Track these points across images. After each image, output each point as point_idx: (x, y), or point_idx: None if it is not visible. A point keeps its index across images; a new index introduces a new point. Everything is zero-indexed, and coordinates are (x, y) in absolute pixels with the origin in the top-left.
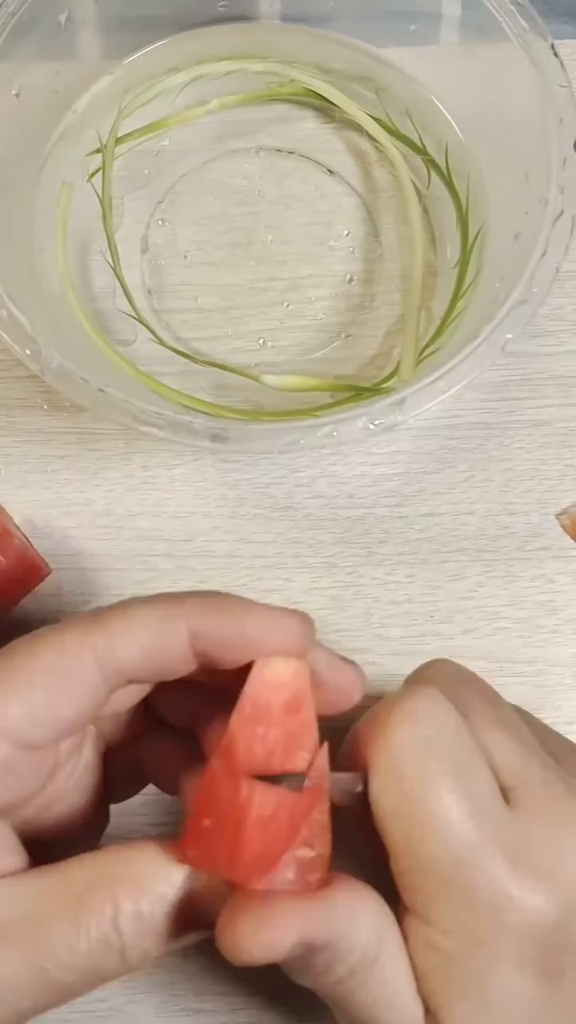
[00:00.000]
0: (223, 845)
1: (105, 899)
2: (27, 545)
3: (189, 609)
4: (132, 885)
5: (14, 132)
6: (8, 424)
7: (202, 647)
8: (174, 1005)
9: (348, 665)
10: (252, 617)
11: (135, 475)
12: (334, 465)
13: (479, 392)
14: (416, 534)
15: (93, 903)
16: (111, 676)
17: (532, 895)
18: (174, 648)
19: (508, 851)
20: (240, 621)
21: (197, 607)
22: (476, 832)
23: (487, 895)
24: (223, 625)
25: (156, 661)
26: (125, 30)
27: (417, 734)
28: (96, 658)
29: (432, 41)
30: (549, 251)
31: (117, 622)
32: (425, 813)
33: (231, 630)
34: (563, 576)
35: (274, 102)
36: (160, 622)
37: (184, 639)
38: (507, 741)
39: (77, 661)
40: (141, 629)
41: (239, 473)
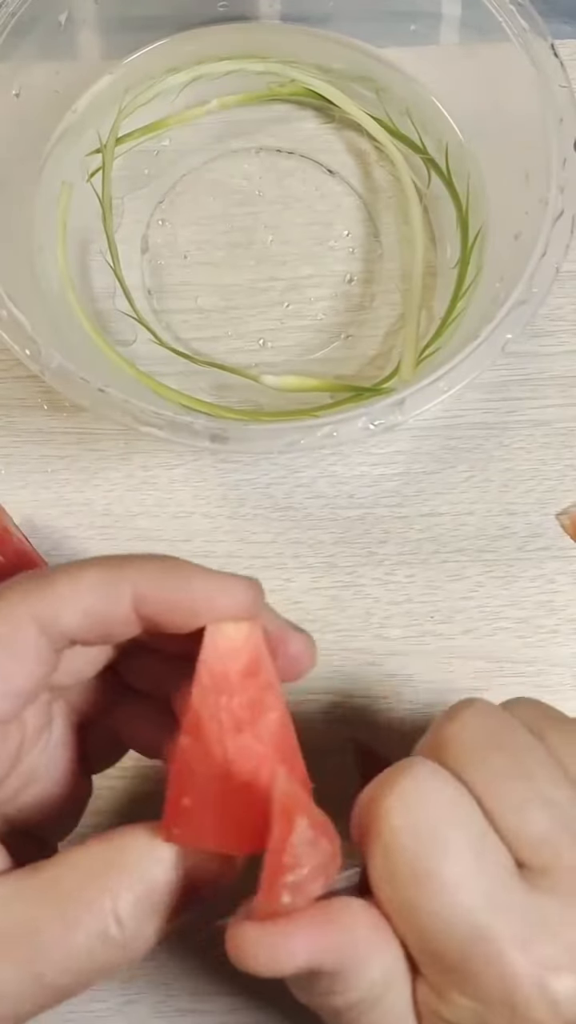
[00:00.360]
0: (207, 819)
1: (101, 894)
2: (27, 545)
3: (133, 571)
4: (126, 874)
5: (14, 132)
6: (8, 424)
7: (147, 610)
8: (172, 1005)
9: (298, 633)
10: (197, 580)
11: (135, 475)
12: (334, 465)
13: (479, 392)
14: (416, 534)
15: (86, 901)
16: (56, 639)
17: (548, 991)
18: (117, 610)
19: (522, 941)
20: (185, 584)
21: (142, 569)
22: (482, 922)
23: (498, 988)
24: (167, 588)
25: (99, 623)
26: (125, 30)
27: (410, 820)
28: (38, 623)
29: (432, 41)
30: (549, 251)
31: (60, 583)
32: (425, 911)
33: (176, 594)
34: (563, 576)
35: (274, 102)
36: (103, 584)
37: (127, 601)
38: (535, 818)
39: (19, 627)
40: (84, 591)
41: (239, 473)
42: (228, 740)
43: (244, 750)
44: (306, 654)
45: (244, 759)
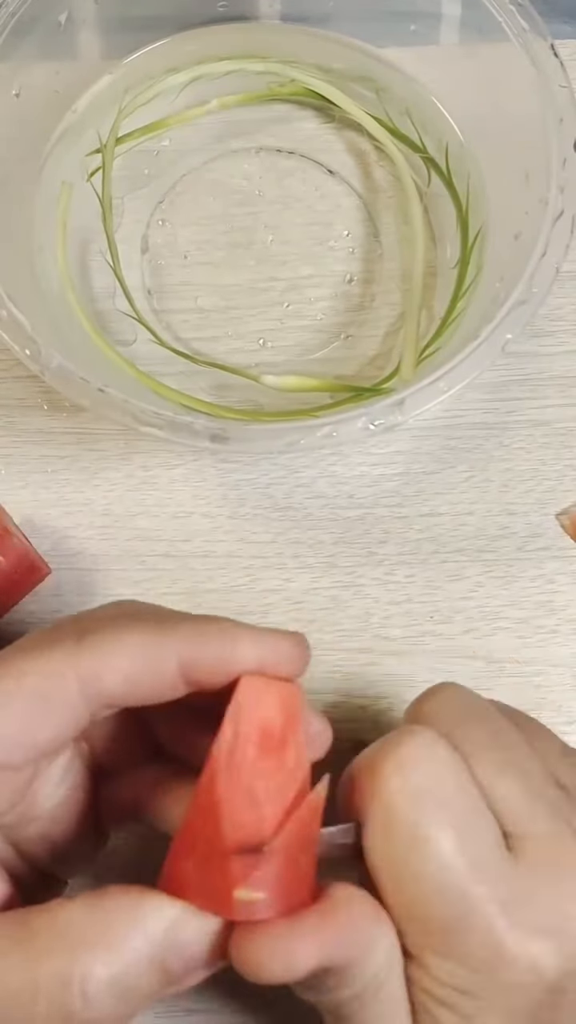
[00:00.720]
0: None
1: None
2: (27, 545)
3: (179, 639)
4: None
5: (14, 132)
6: (8, 424)
7: (192, 675)
8: (175, 1005)
9: (317, 715)
10: (244, 643)
11: (135, 475)
12: (334, 465)
13: (479, 392)
14: (416, 534)
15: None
16: (93, 701)
17: (530, 954)
18: (161, 677)
19: (507, 907)
20: (231, 648)
21: (187, 635)
22: (471, 889)
23: (481, 952)
24: (215, 654)
25: (141, 688)
26: (125, 30)
27: (409, 785)
28: (80, 683)
29: (432, 41)
30: (549, 251)
31: (105, 646)
32: (418, 870)
33: (223, 660)
34: (563, 576)
35: (274, 102)
36: (147, 650)
37: (172, 668)
38: (514, 787)
39: (60, 685)
40: (127, 656)
41: (239, 473)
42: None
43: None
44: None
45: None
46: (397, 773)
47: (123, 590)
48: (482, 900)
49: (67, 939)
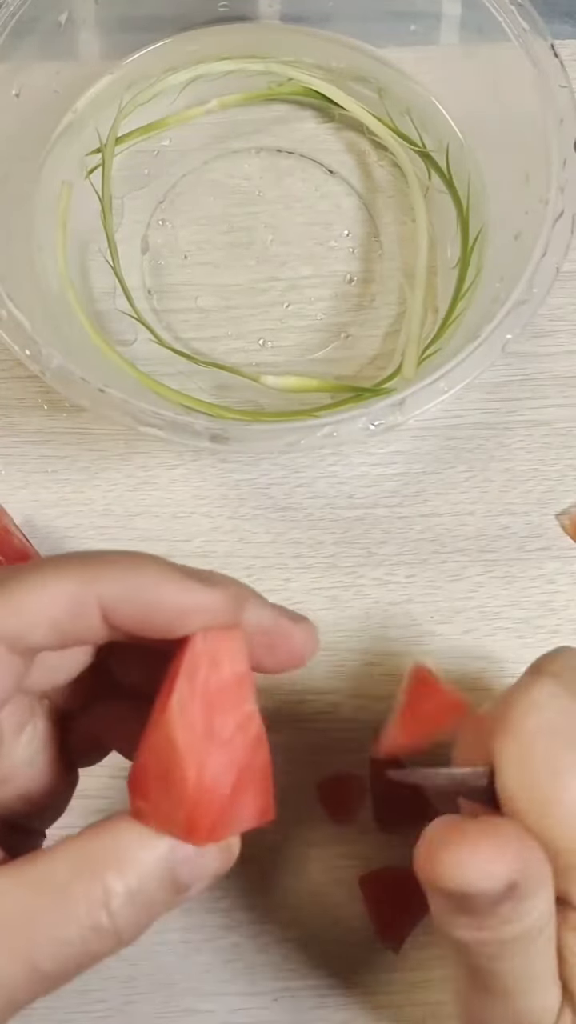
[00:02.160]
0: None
1: (93, 886)
2: (27, 545)
3: (100, 581)
4: (119, 866)
5: (14, 132)
6: (8, 424)
7: (117, 622)
8: (174, 1005)
9: (297, 624)
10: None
11: (135, 475)
12: (334, 466)
13: (479, 392)
14: (416, 534)
15: (80, 891)
16: (24, 653)
17: None
18: (84, 622)
19: None
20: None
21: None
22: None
23: None
24: (136, 601)
25: (67, 634)
26: (125, 30)
27: (544, 723)
28: (4, 640)
29: (432, 41)
30: (549, 251)
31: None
32: (557, 802)
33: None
34: (563, 576)
35: (274, 102)
36: (69, 596)
37: (95, 612)
38: None
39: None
40: (49, 604)
41: (239, 473)
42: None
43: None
44: (308, 644)
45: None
46: (531, 714)
47: None
48: None
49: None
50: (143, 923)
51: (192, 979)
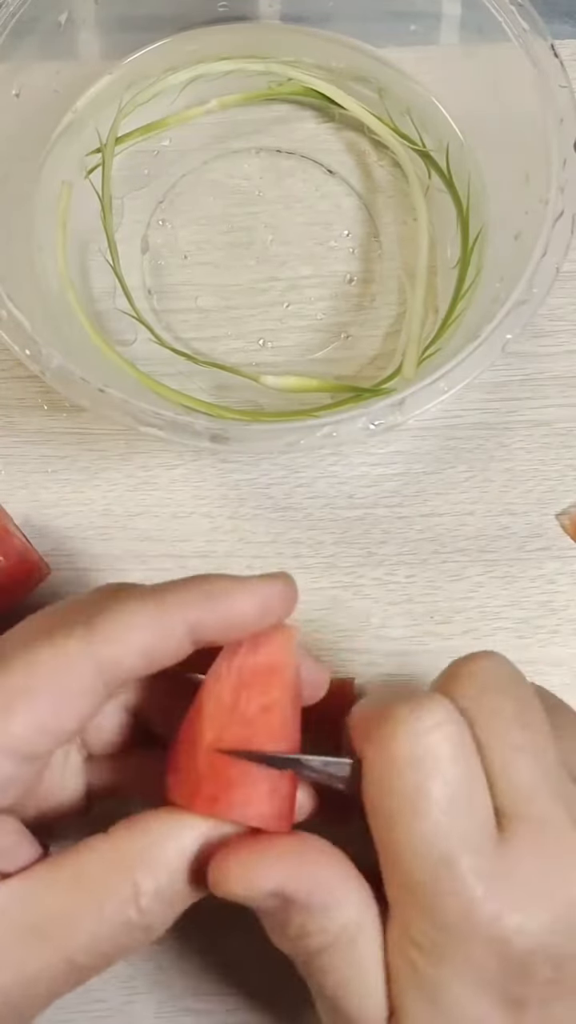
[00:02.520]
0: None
1: (123, 882)
2: (27, 545)
3: (180, 603)
4: (145, 860)
5: (14, 132)
6: (8, 424)
7: (200, 637)
8: (173, 1005)
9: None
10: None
11: (135, 475)
12: (334, 466)
13: (479, 392)
14: (416, 534)
15: (111, 891)
16: (111, 684)
17: (502, 926)
18: (173, 644)
19: (485, 879)
20: (230, 604)
21: (188, 598)
22: (455, 856)
23: (456, 918)
24: (218, 613)
25: (156, 659)
26: (125, 30)
27: (415, 748)
28: (98, 668)
29: (432, 41)
30: (549, 251)
31: (113, 628)
32: (406, 833)
33: (225, 617)
34: (563, 576)
35: (274, 102)
36: (156, 622)
37: (181, 634)
38: (523, 767)
39: (79, 673)
40: (139, 632)
41: (239, 473)
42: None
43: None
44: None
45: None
46: (405, 733)
47: None
48: (462, 871)
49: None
50: (171, 916)
51: (192, 979)
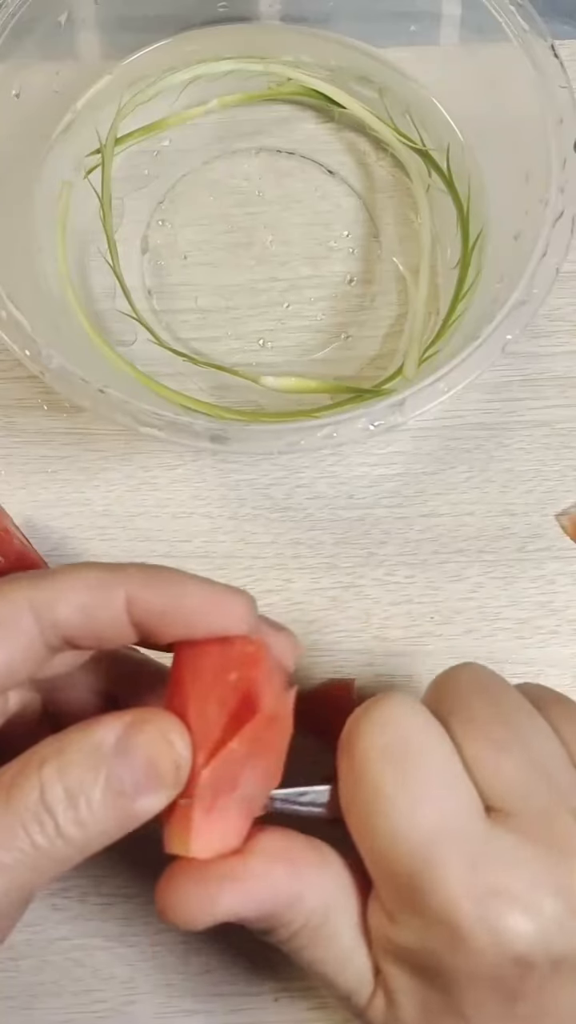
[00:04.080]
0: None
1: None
2: (27, 546)
3: (129, 576)
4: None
5: (14, 132)
6: (8, 425)
7: (140, 615)
8: (173, 1006)
9: (280, 632)
10: (191, 588)
11: (135, 476)
12: (334, 466)
13: (479, 393)
14: (416, 535)
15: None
16: (48, 630)
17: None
18: (111, 610)
19: (471, 870)
20: (179, 591)
21: (137, 575)
22: (432, 847)
23: (440, 912)
24: (160, 594)
25: (92, 621)
26: (125, 30)
27: (378, 744)
28: (34, 610)
29: (432, 41)
30: (549, 252)
31: (59, 578)
32: (381, 825)
33: (169, 600)
34: (563, 577)
35: (274, 102)
36: (99, 582)
37: (121, 603)
38: (508, 764)
39: (16, 611)
40: (81, 587)
41: (239, 474)
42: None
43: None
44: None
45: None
46: (368, 732)
47: None
48: (443, 859)
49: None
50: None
51: (192, 979)
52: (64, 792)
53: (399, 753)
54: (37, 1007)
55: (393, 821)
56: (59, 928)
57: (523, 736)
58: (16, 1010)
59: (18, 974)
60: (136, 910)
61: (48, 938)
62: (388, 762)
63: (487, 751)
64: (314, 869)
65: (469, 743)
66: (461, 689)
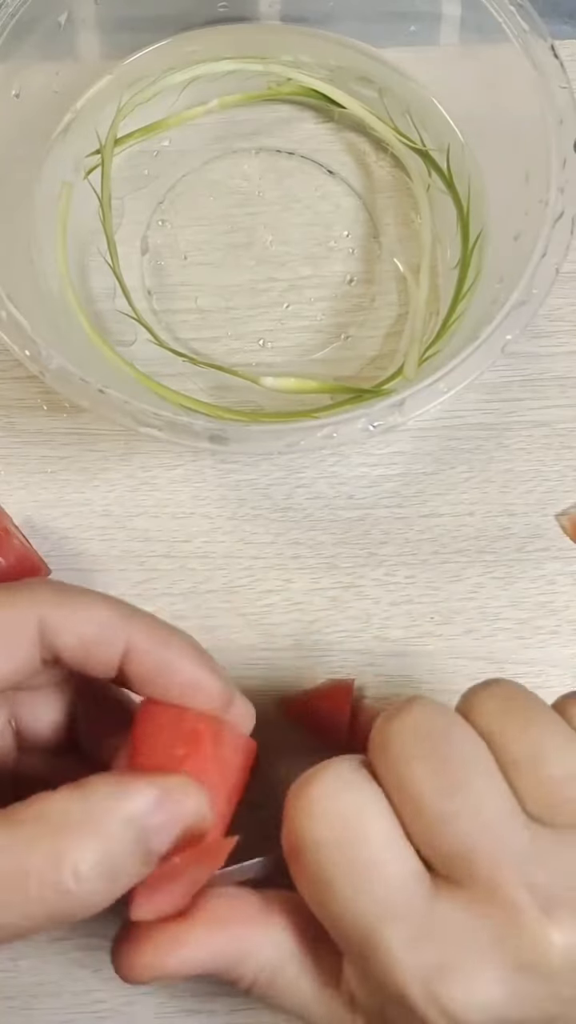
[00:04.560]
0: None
1: (61, 849)
2: (27, 546)
3: (135, 627)
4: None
5: (14, 132)
6: (8, 425)
7: (129, 666)
8: (174, 1006)
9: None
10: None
11: (135, 476)
12: (334, 466)
13: (479, 393)
14: (416, 535)
15: (46, 853)
16: (46, 648)
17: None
18: (108, 652)
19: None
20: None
21: (143, 629)
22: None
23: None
24: (155, 659)
25: (89, 656)
26: (125, 30)
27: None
28: (42, 627)
29: (432, 42)
30: (549, 252)
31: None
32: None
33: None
34: (563, 577)
35: (274, 102)
36: (109, 623)
37: (119, 649)
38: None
39: (24, 622)
40: (90, 623)
41: (239, 474)
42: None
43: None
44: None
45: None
46: (304, 822)
47: (123, 590)
48: (384, 939)
49: (54, 824)
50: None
51: (193, 979)
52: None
53: (335, 842)
54: (37, 1007)
55: (337, 909)
56: (59, 928)
57: (470, 797)
58: (16, 1010)
59: (18, 974)
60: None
61: (48, 938)
62: (325, 853)
63: (428, 820)
64: (258, 930)
65: (407, 808)
66: (404, 746)
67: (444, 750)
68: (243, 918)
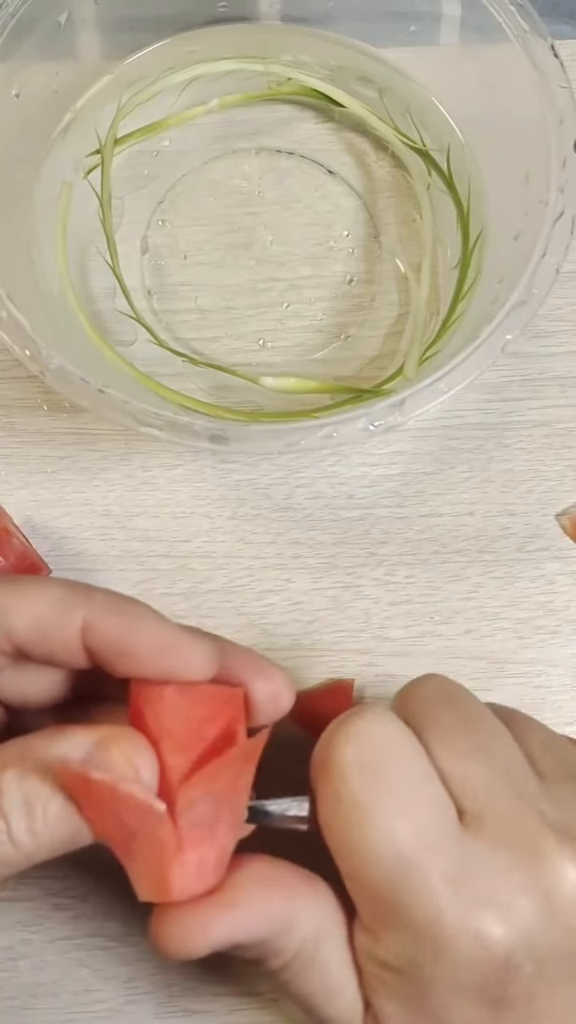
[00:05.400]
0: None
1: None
2: (27, 546)
3: (92, 601)
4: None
5: (14, 132)
6: (8, 425)
7: (92, 643)
8: (174, 1006)
9: (274, 669)
10: (148, 627)
11: (135, 476)
12: (334, 466)
13: (479, 393)
14: (416, 535)
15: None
16: (2, 637)
17: (474, 927)
18: (65, 630)
19: (451, 880)
20: (135, 626)
21: (101, 602)
22: (413, 860)
23: (425, 924)
24: (116, 625)
25: (45, 636)
26: (125, 30)
27: (355, 758)
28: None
29: (432, 42)
30: (549, 252)
31: (23, 588)
32: (360, 840)
33: (122, 633)
34: (563, 577)
35: (274, 102)
36: (60, 601)
37: (76, 626)
38: (477, 768)
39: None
40: (41, 602)
41: (239, 474)
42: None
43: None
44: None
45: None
46: (344, 746)
47: (123, 590)
48: (424, 871)
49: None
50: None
51: (192, 979)
52: (23, 799)
53: (376, 767)
54: (37, 1007)
55: (373, 835)
56: (59, 928)
57: (488, 744)
58: (16, 1010)
59: (18, 974)
60: (136, 910)
61: (48, 938)
62: (366, 777)
63: (456, 756)
64: (306, 895)
65: (439, 751)
66: (428, 700)
67: (463, 706)
68: (291, 881)
